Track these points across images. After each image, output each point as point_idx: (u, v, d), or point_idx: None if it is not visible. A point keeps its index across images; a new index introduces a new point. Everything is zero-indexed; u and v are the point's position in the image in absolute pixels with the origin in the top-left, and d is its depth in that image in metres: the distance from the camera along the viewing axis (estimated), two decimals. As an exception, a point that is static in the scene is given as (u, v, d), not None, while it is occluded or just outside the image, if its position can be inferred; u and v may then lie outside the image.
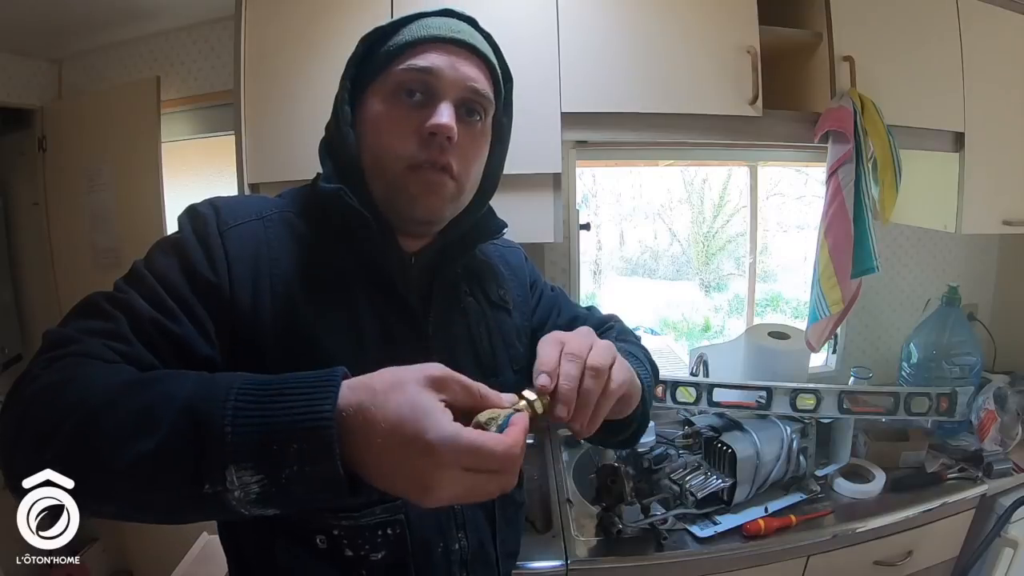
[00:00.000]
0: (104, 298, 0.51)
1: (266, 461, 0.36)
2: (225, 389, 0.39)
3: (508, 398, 0.45)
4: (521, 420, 0.42)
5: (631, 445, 0.72)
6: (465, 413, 0.41)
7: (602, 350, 0.52)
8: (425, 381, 0.39)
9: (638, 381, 0.61)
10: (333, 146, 0.64)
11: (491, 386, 0.68)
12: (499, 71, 0.65)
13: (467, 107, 0.61)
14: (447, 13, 0.63)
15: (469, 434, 0.38)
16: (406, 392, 0.38)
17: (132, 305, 0.50)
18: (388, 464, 0.38)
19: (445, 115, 0.58)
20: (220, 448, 0.36)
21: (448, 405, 0.40)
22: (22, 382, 0.44)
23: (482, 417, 0.41)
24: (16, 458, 0.42)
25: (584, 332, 0.54)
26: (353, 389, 0.39)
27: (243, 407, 0.38)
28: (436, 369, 0.41)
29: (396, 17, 0.63)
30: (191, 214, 0.59)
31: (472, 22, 0.64)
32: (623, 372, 0.54)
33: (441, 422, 0.38)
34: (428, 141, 0.58)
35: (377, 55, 0.61)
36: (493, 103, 0.64)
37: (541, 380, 0.47)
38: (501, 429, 0.40)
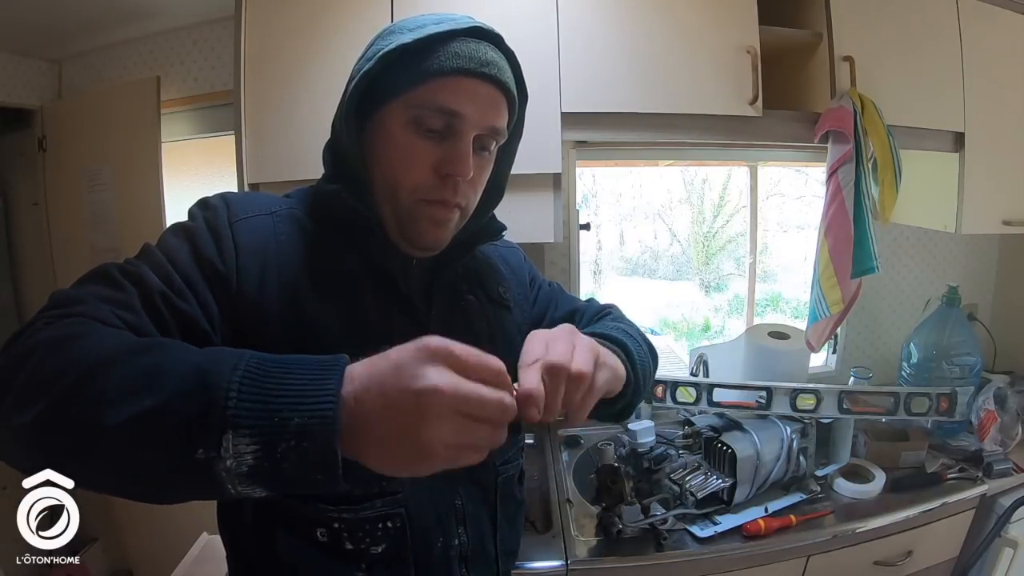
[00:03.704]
0: (117, 268, 0.52)
1: (265, 431, 0.36)
2: (235, 358, 0.39)
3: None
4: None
5: (624, 419, 0.73)
6: None
7: (585, 353, 0.51)
8: (422, 350, 0.40)
9: (622, 370, 0.62)
10: (338, 151, 0.64)
11: None
12: (516, 97, 0.64)
13: (481, 143, 0.61)
14: (476, 33, 0.59)
15: (458, 380, 0.39)
16: (406, 355, 0.39)
17: (143, 277, 0.51)
18: (384, 425, 0.38)
19: (464, 160, 0.58)
20: (222, 411, 0.36)
21: None
22: (23, 332, 0.44)
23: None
24: (7, 402, 0.40)
25: (566, 332, 0.53)
26: (360, 364, 0.40)
27: (251, 376, 0.38)
28: (435, 340, 0.41)
29: (416, 23, 0.59)
30: (202, 205, 0.60)
31: (498, 40, 0.62)
32: (606, 371, 0.55)
33: (432, 367, 0.38)
34: (444, 179, 0.59)
35: (399, 73, 0.58)
36: (506, 135, 0.64)
37: (531, 414, 0.46)
38: None
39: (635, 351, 0.66)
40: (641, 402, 0.71)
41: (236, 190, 1.22)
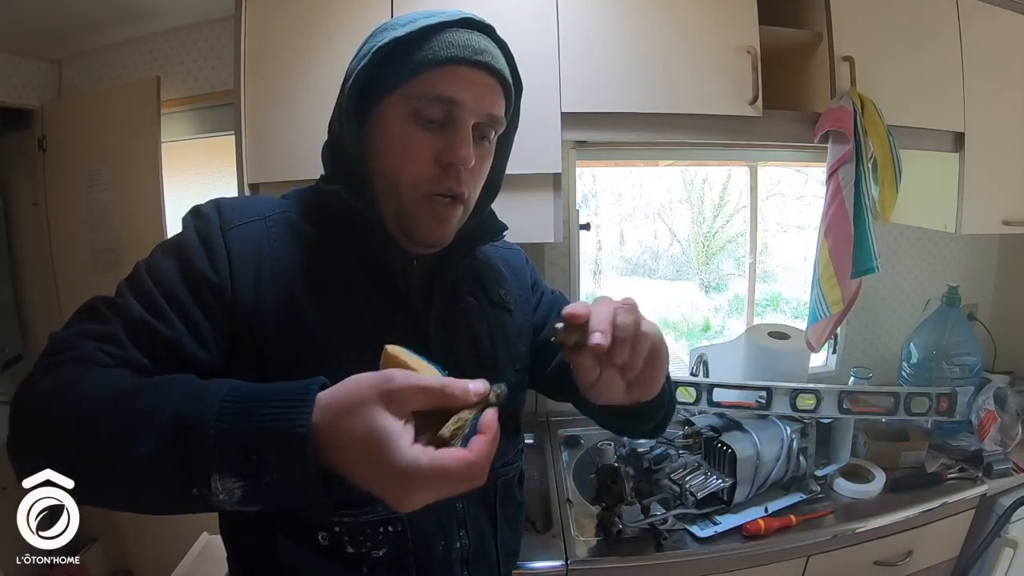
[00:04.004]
0: (103, 302, 0.53)
1: (247, 470, 0.39)
2: (209, 401, 0.41)
3: (475, 386, 0.42)
4: (490, 426, 0.42)
5: (661, 431, 0.73)
6: (435, 414, 0.41)
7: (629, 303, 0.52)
8: (381, 399, 0.39)
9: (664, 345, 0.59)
10: (337, 151, 0.64)
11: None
12: (512, 86, 0.64)
13: (481, 132, 0.61)
14: (467, 24, 0.60)
15: (431, 461, 0.38)
16: (365, 416, 0.39)
17: (128, 310, 0.52)
18: (363, 476, 0.40)
19: (465, 148, 0.58)
20: (205, 460, 0.39)
21: (416, 411, 0.41)
22: (25, 386, 0.48)
23: (446, 432, 0.41)
24: (24, 458, 0.46)
25: None
26: (322, 408, 0.40)
27: (225, 421, 0.40)
28: (392, 383, 0.40)
29: (409, 19, 0.59)
30: (195, 214, 0.60)
31: (490, 30, 0.62)
32: (651, 324, 0.53)
33: (400, 451, 0.38)
34: (446, 169, 0.59)
35: (394, 66, 0.58)
36: (504, 124, 0.64)
37: (572, 309, 0.48)
38: (468, 439, 0.41)
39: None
40: (671, 419, 0.72)
41: (236, 190, 1.23)
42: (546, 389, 0.81)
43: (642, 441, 1.28)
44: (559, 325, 0.49)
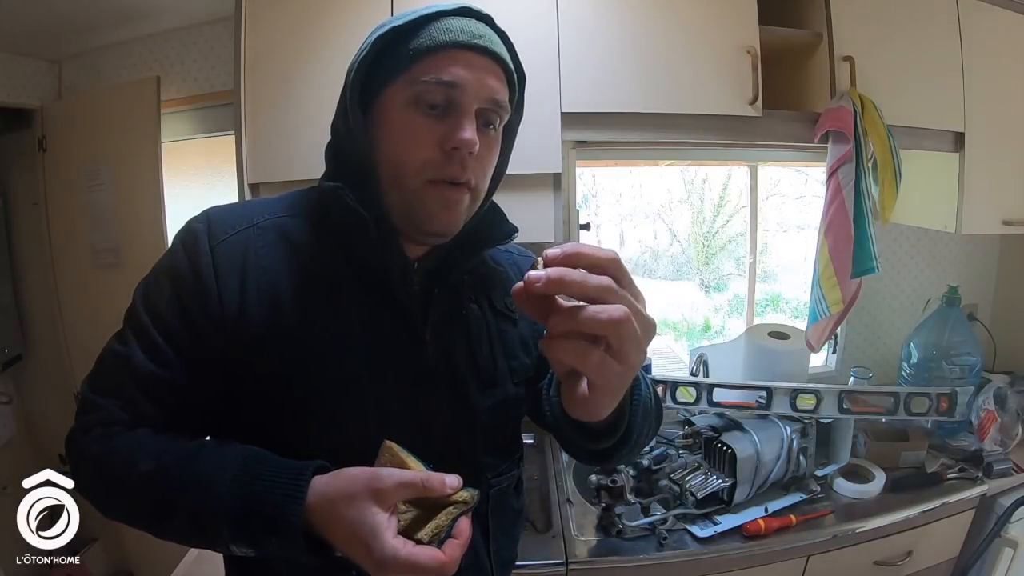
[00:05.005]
0: (111, 356, 0.59)
1: (255, 546, 0.51)
2: (225, 494, 0.50)
3: (450, 480, 0.50)
4: (462, 532, 0.50)
5: (607, 461, 0.67)
6: (419, 503, 0.50)
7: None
8: (370, 495, 0.47)
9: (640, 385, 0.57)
10: (342, 148, 0.63)
11: (490, 397, 0.66)
12: (515, 73, 0.63)
13: (485, 118, 0.59)
14: (465, 12, 0.59)
15: (408, 556, 0.46)
16: (356, 508, 0.47)
17: (132, 362, 0.57)
18: (351, 554, 0.48)
19: (468, 131, 0.56)
20: (222, 541, 0.52)
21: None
22: (71, 445, 0.57)
23: (424, 536, 0.48)
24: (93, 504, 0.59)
25: None
26: (319, 495, 0.49)
27: (237, 520, 0.50)
28: (381, 482, 0.48)
29: (408, 12, 0.59)
30: (185, 231, 0.61)
31: (488, 20, 0.61)
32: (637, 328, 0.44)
33: (383, 543, 0.46)
34: (450, 155, 0.57)
35: (394, 56, 0.58)
36: (509, 110, 0.62)
37: (551, 251, 0.41)
38: (443, 540, 0.49)
39: (643, 386, 0.60)
40: (631, 453, 0.64)
41: (236, 190, 1.23)
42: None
43: (642, 441, 1.28)
44: (539, 259, 0.42)
